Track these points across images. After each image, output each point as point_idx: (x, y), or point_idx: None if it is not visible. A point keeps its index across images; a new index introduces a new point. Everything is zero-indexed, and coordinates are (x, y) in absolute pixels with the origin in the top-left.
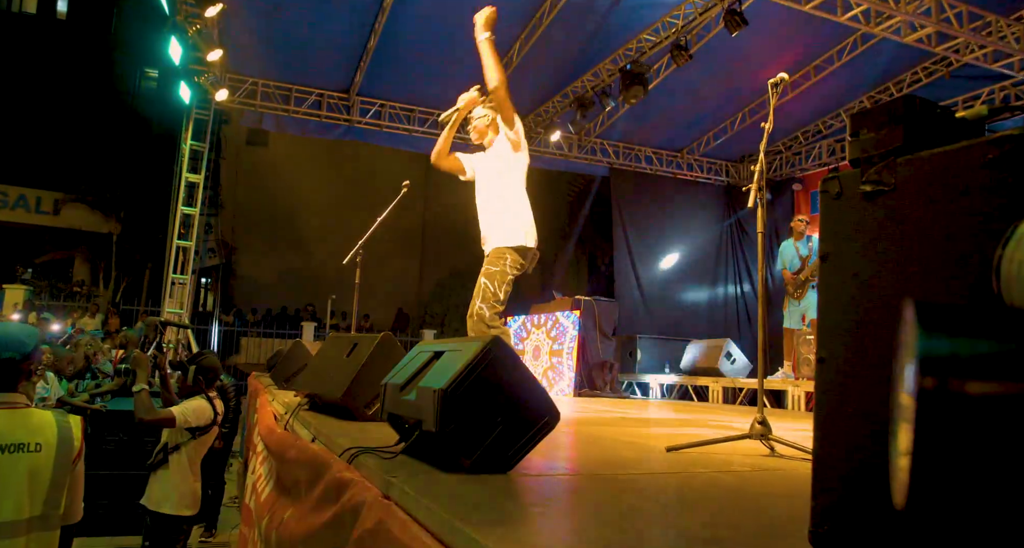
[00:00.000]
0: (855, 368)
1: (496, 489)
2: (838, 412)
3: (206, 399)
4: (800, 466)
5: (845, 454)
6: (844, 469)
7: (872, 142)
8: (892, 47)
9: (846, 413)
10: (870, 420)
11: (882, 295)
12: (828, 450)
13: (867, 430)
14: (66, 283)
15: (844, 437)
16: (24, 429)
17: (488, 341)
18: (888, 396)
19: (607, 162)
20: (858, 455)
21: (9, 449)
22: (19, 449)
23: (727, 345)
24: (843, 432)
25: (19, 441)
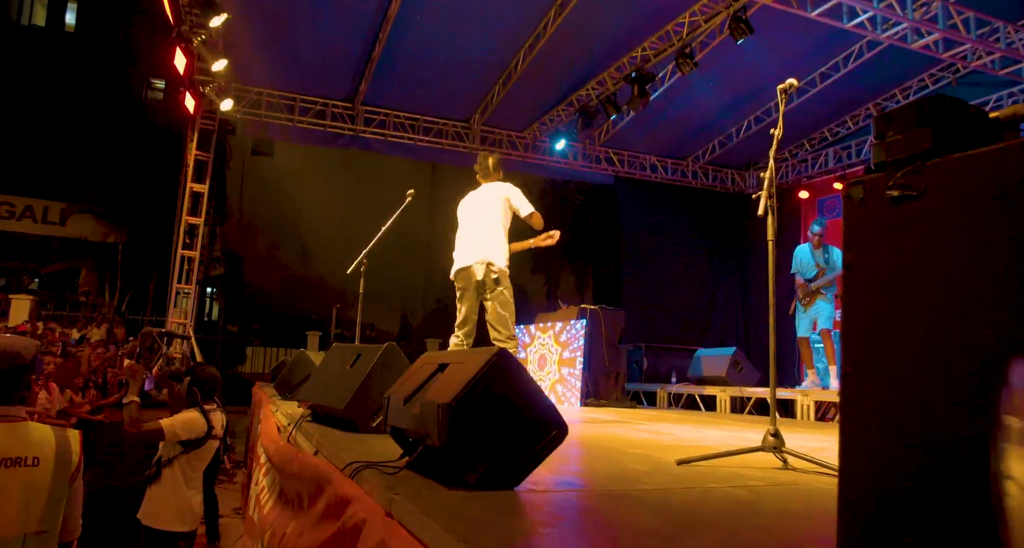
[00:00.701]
0: (883, 383)
1: (503, 507)
2: (865, 429)
3: (200, 412)
4: (815, 480)
5: (874, 473)
6: (873, 489)
7: (899, 145)
8: (898, 54)
9: (874, 430)
10: (901, 438)
11: (911, 306)
12: (855, 469)
13: (898, 448)
14: (72, 293)
15: (873, 455)
16: (22, 443)
17: (493, 353)
18: (922, 412)
19: (612, 170)
20: (889, 474)
21: (6, 463)
22: (16, 463)
23: (735, 354)
24: (872, 450)
25: (16, 455)
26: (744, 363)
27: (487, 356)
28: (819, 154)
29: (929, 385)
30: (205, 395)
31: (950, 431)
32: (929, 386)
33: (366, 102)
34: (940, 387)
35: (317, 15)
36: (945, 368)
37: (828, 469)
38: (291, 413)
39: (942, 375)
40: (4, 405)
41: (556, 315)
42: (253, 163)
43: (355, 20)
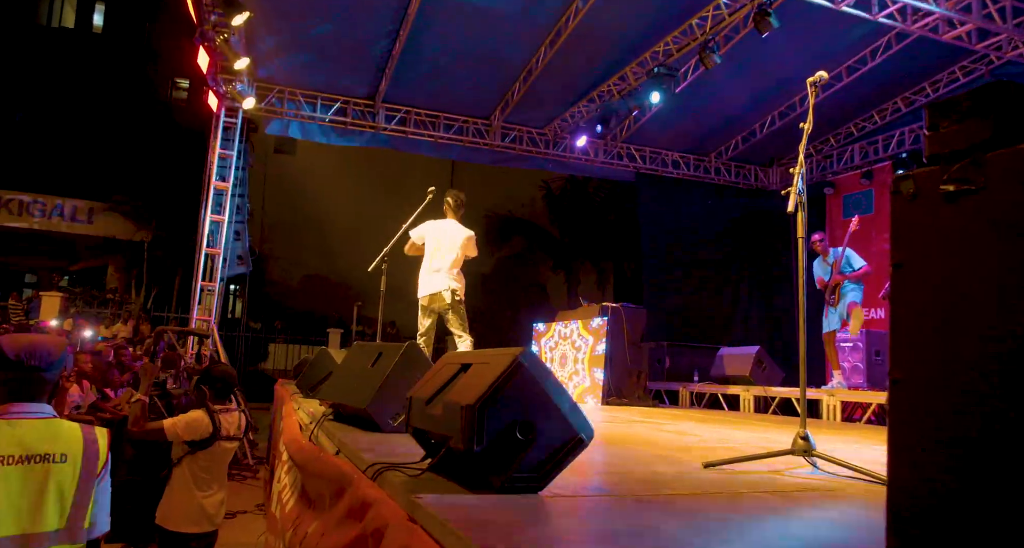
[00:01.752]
0: (937, 390)
1: (528, 513)
2: (918, 438)
3: (206, 411)
4: (848, 486)
5: (928, 486)
6: (926, 504)
7: (955, 135)
8: (929, 45)
9: (928, 440)
10: (958, 448)
11: (968, 309)
12: (906, 482)
13: (955, 459)
14: (100, 290)
15: (926, 467)
16: (50, 440)
17: (518, 353)
18: (980, 422)
19: (633, 167)
20: (944, 487)
21: (35, 460)
22: (45, 460)
23: (758, 353)
24: (925, 462)
25: (45, 452)
26: (768, 362)
27: (511, 357)
28: (845, 150)
29: (988, 393)
30: (218, 394)
31: (1012, 442)
32: (988, 394)
33: (387, 99)
34: (1000, 395)
35: (338, 13)
36: (1006, 375)
37: (862, 474)
38: (313, 411)
39: (1003, 382)
40: (33, 402)
41: (577, 313)
42: (275, 161)
43: (376, 18)
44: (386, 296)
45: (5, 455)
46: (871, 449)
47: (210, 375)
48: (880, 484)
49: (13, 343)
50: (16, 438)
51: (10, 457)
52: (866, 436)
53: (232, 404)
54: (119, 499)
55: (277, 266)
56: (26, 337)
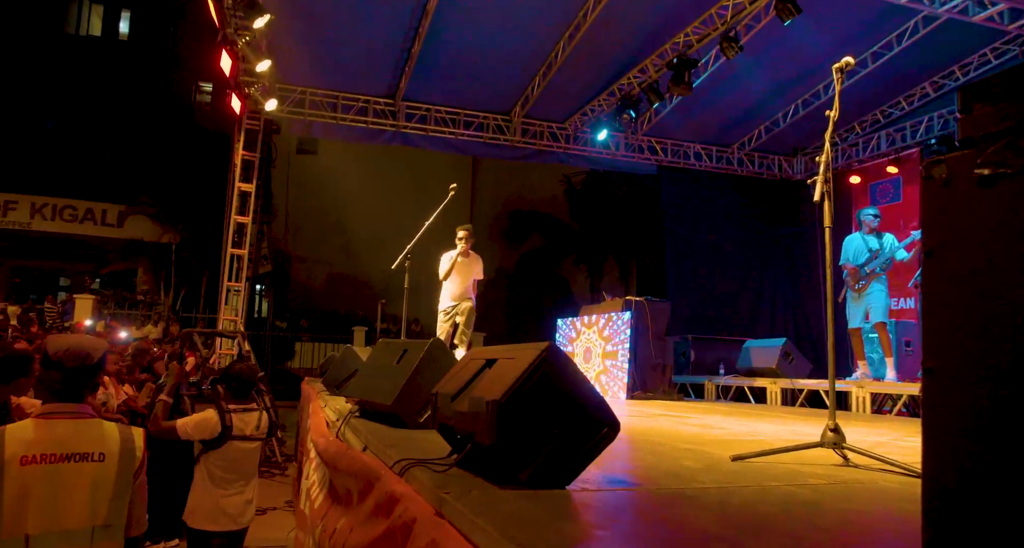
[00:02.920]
0: (972, 379)
1: (556, 507)
2: (953, 429)
3: (217, 410)
4: (880, 478)
5: (964, 478)
6: (963, 495)
7: (991, 117)
8: (958, 28)
9: (963, 430)
10: (995, 438)
11: (1004, 295)
12: (942, 476)
13: (991, 450)
14: (131, 292)
15: (963, 461)
16: (88, 439)
17: (544, 348)
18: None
19: (655, 160)
20: (981, 479)
21: (74, 459)
22: (83, 459)
23: (785, 345)
24: (961, 455)
25: (83, 451)
26: (795, 354)
27: (537, 351)
28: (871, 137)
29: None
30: (235, 393)
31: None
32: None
33: (407, 98)
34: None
35: (357, 13)
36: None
37: (893, 467)
38: (339, 408)
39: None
40: (73, 402)
41: (601, 307)
42: (298, 162)
43: (394, 16)
44: (409, 293)
45: (45, 453)
46: (903, 441)
47: (227, 374)
48: (914, 477)
49: (55, 344)
50: (55, 437)
51: (51, 455)
52: (897, 428)
53: (253, 404)
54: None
55: (301, 265)
56: (67, 338)
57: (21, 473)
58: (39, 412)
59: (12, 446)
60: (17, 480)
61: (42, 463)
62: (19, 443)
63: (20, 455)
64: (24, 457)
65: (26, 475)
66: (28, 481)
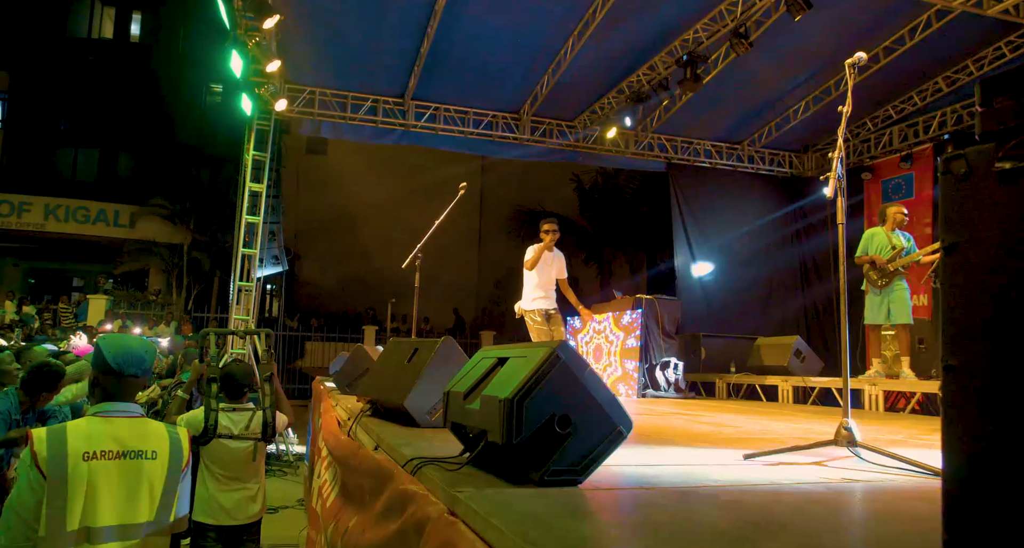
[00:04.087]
0: (993, 377)
1: (569, 506)
2: (975, 428)
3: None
4: (895, 477)
5: (986, 479)
6: (985, 497)
7: (1012, 111)
8: (972, 21)
9: (985, 430)
10: (1017, 439)
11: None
12: (963, 474)
13: (1015, 450)
14: (143, 292)
15: (983, 458)
16: (142, 437)
17: (555, 346)
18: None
19: (665, 157)
20: (1004, 480)
21: (130, 455)
22: (138, 456)
23: (796, 343)
24: (982, 453)
25: (138, 448)
26: (806, 352)
27: (549, 349)
28: (882, 133)
29: None
30: (228, 392)
31: None
32: None
33: (416, 97)
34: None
35: (366, 13)
36: None
37: (909, 466)
38: (351, 407)
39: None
40: (128, 402)
41: (611, 305)
42: (308, 162)
43: (403, 16)
44: (420, 292)
45: (104, 450)
46: (918, 440)
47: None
48: (930, 476)
49: (112, 348)
50: (111, 434)
51: (109, 452)
52: (911, 426)
53: (248, 403)
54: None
55: (312, 265)
56: (121, 341)
57: (84, 468)
58: (95, 411)
59: (74, 442)
60: (80, 474)
61: (102, 459)
62: (81, 439)
63: (83, 450)
64: (86, 453)
65: (88, 470)
66: (89, 475)
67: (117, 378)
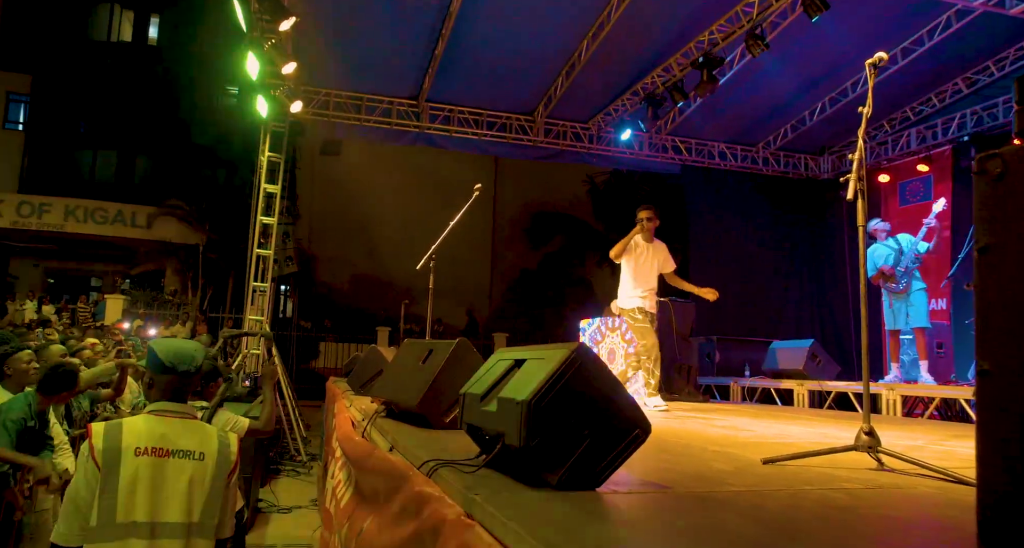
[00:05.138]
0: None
1: (587, 510)
2: (1011, 434)
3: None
4: (918, 483)
5: (1022, 485)
6: (1020, 503)
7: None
8: (993, 21)
9: (1020, 435)
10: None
11: None
12: (999, 481)
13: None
14: (159, 292)
15: (1019, 464)
16: (191, 438)
17: (574, 348)
18: None
19: (679, 159)
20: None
21: (178, 455)
22: (186, 456)
23: (812, 346)
24: (1018, 459)
25: (187, 448)
26: (822, 355)
27: (567, 352)
28: (900, 135)
29: None
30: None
31: None
32: None
33: (430, 99)
34: None
35: (381, 15)
36: None
37: (931, 472)
38: (365, 408)
39: None
40: (179, 402)
41: None
42: (322, 163)
43: (418, 18)
44: (434, 294)
45: (155, 447)
46: (939, 445)
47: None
48: (952, 482)
49: (165, 350)
50: (161, 433)
51: (159, 449)
52: (931, 432)
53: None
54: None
55: (326, 266)
56: (173, 343)
57: (135, 463)
58: (151, 409)
59: (128, 437)
60: (131, 468)
61: (152, 455)
62: (134, 435)
63: (135, 446)
64: (138, 448)
65: (139, 465)
66: (139, 471)
67: (170, 375)
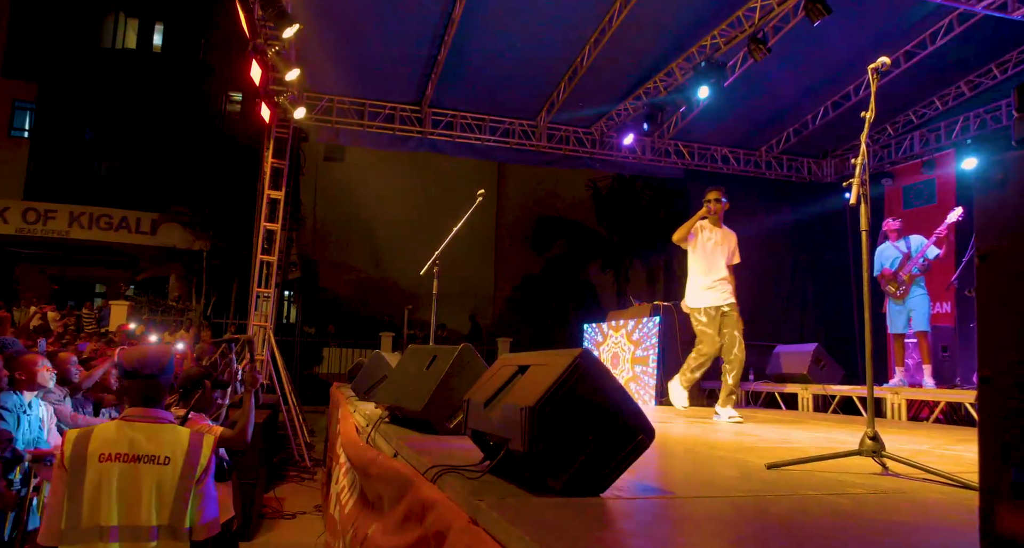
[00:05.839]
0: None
1: (591, 516)
2: (1012, 440)
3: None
4: (922, 488)
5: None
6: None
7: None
8: (996, 24)
9: (1022, 442)
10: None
11: None
12: (1001, 487)
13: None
14: (163, 298)
15: (1022, 471)
16: (159, 443)
17: (577, 354)
18: None
19: (682, 163)
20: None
21: (142, 460)
22: (151, 460)
23: (816, 350)
24: (1020, 465)
25: (152, 453)
26: (826, 359)
27: (570, 357)
28: (903, 138)
29: None
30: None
31: None
32: None
33: (433, 104)
34: None
35: (384, 21)
36: None
37: (936, 476)
38: (369, 414)
39: None
40: (152, 407)
41: (629, 312)
42: (325, 169)
43: (421, 24)
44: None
45: (120, 452)
46: (944, 450)
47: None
48: (958, 487)
49: (129, 358)
50: (128, 438)
51: (122, 455)
52: (936, 436)
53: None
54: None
55: (329, 271)
56: (138, 349)
57: (99, 468)
58: (123, 415)
59: (95, 443)
60: (96, 474)
61: (116, 461)
62: (101, 441)
63: (100, 452)
64: (103, 454)
65: (102, 470)
66: (104, 476)
67: (135, 380)
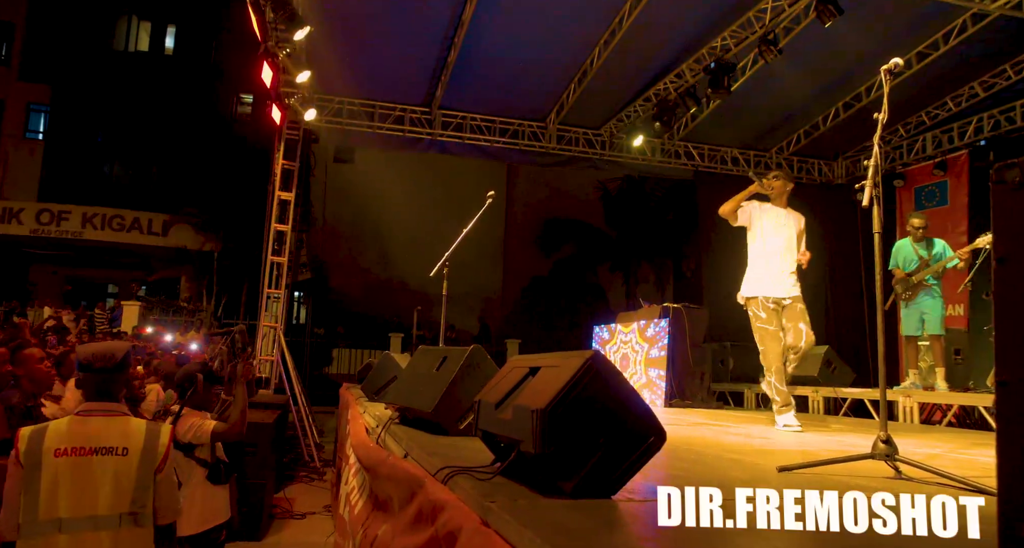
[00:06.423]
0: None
1: (602, 518)
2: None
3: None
4: (937, 492)
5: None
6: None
7: None
8: (1010, 24)
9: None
10: None
11: None
12: (1020, 492)
13: None
14: (174, 299)
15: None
16: (115, 434)
17: (589, 356)
18: None
19: (692, 165)
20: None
21: (101, 452)
22: (108, 452)
23: (827, 353)
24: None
25: (109, 445)
26: (837, 362)
27: (582, 359)
28: (915, 140)
29: None
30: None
31: None
32: None
33: (443, 106)
34: None
35: (394, 23)
36: None
37: (951, 481)
38: (379, 415)
39: None
40: (107, 401)
41: (638, 314)
42: (335, 170)
43: (430, 26)
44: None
45: (76, 446)
46: (958, 454)
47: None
48: (972, 491)
49: (83, 351)
50: (86, 432)
51: (80, 449)
52: (949, 440)
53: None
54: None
55: (339, 273)
56: (93, 344)
57: (54, 464)
58: (78, 410)
59: (50, 440)
60: (51, 469)
61: (72, 455)
62: (56, 437)
63: (55, 448)
64: (58, 449)
65: (58, 465)
66: (60, 471)
67: (92, 374)
